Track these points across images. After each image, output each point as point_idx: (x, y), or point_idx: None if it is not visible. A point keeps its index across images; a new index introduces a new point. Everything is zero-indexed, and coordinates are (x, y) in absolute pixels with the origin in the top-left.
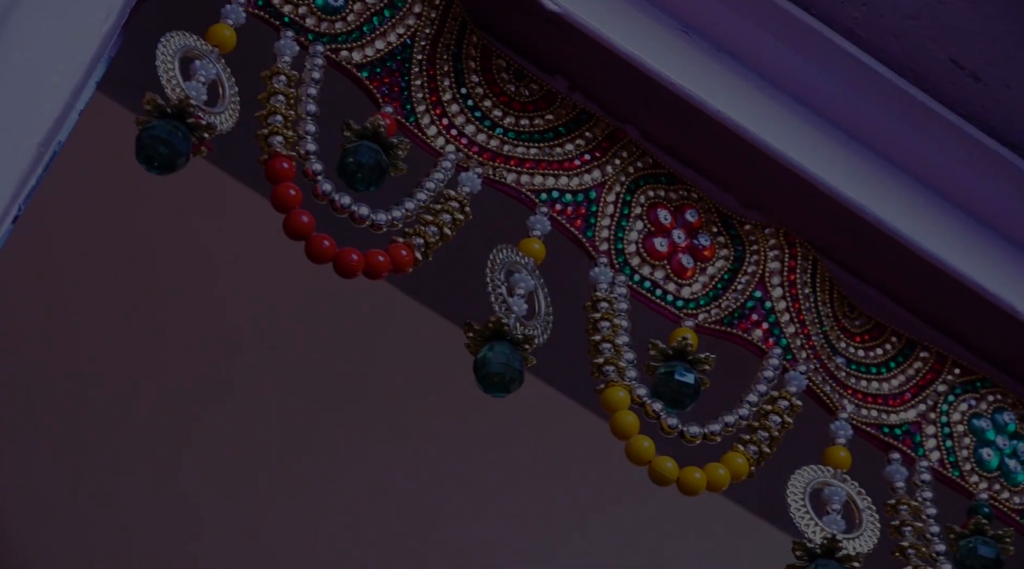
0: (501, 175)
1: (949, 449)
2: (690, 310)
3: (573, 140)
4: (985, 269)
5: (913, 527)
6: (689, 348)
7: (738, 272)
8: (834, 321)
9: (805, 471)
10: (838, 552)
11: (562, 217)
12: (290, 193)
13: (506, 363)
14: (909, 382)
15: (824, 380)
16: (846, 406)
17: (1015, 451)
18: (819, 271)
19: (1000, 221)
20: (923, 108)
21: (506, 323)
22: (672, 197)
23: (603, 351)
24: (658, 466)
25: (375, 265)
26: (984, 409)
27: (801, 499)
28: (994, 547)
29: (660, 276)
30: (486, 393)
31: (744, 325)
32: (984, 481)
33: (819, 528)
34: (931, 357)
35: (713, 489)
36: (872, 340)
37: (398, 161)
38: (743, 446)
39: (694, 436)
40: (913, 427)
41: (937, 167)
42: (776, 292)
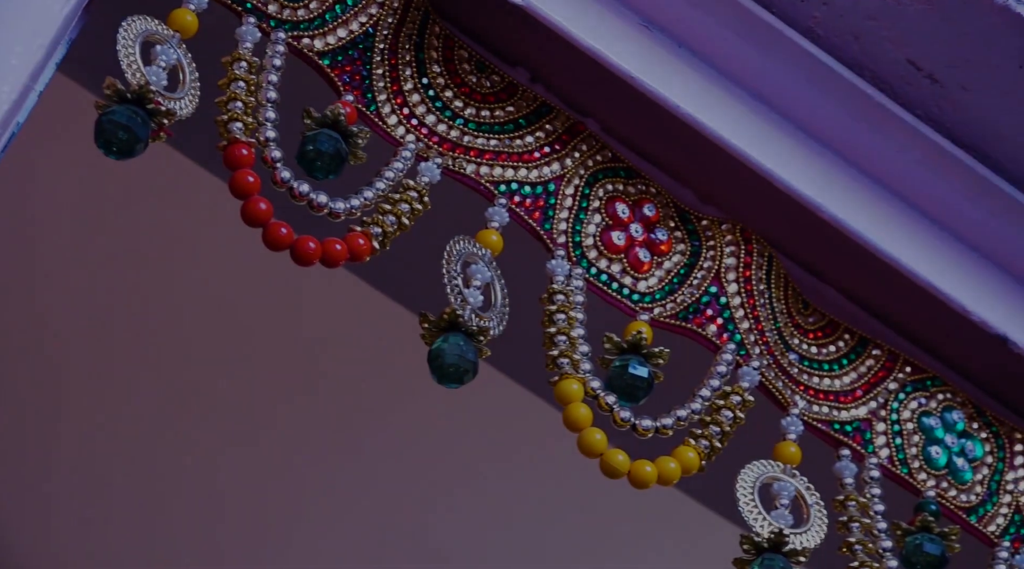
0: (460, 166)
1: (898, 446)
2: (646, 304)
3: (533, 132)
4: (937, 268)
5: (861, 523)
6: (644, 342)
7: (694, 267)
8: (788, 317)
9: (755, 466)
10: (785, 546)
11: (520, 209)
12: (248, 180)
13: (460, 355)
14: (861, 379)
15: (777, 376)
16: (798, 402)
17: (963, 450)
18: (774, 267)
19: (953, 222)
20: (880, 108)
21: (461, 315)
22: (631, 191)
23: (558, 343)
24: (609, 459)
25: (332, 253)
26: (934, 407)
27: (750, 493)
28: (940, 544)
29: (617, 269)
30: (439, 384)
31: (699, 320)
32: (932, 479)
33: (767, 522)
34: (883, 355)
35: (664, 482)
36: (825, 337)
37: (358, 150)
38: (694, 440)
39: (646, 429)
40: (863, 424)
41: (893, 167)
42: (731, 288)
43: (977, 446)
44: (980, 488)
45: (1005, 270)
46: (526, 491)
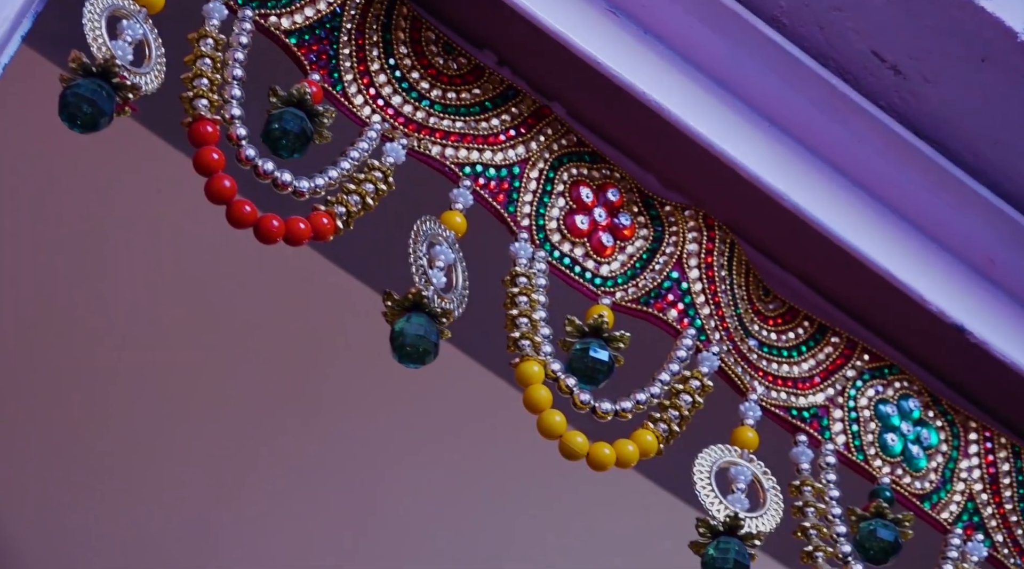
0: (426, 147)
1: (855, 433)
2: (608, 288)
3: (499, 115)
4: (896, 257)
5: (816, 508)
6: (605, 325)
7: (656, 252)
8: (748, 304)
9: (712, 450)
10: (740, 530)
11: (485, 191)
12: (213, 157)
13: (422, 335)
14: (819, 366)
15: (736, 361)
16: (756, 388)
17: (919, 437)
18: (736, 254)
19: (913, 212)
20: (843, 98)
21: (425, 295)
22: (595, 176)
23: (520, 325)
24: (568, 441)
25: (296, 232)
26: (891, 395)
27: (707, 477)
28: (894, 530)
29: (580, 253)
30: (400, 363)
31: (660, 305)
32: (887, 466)
33: (723, 506)
34: (842, 342)
35: (622, 465)
36: (785, 324)
37: (323, 129)
38: (653, 424)
39: (606, 412)
40: (821, 410)
41: (855, 156)
42: (693, 273)
43: (932, 434)
44: (934, 476)
45: (963, 260)
46: (486, 471)
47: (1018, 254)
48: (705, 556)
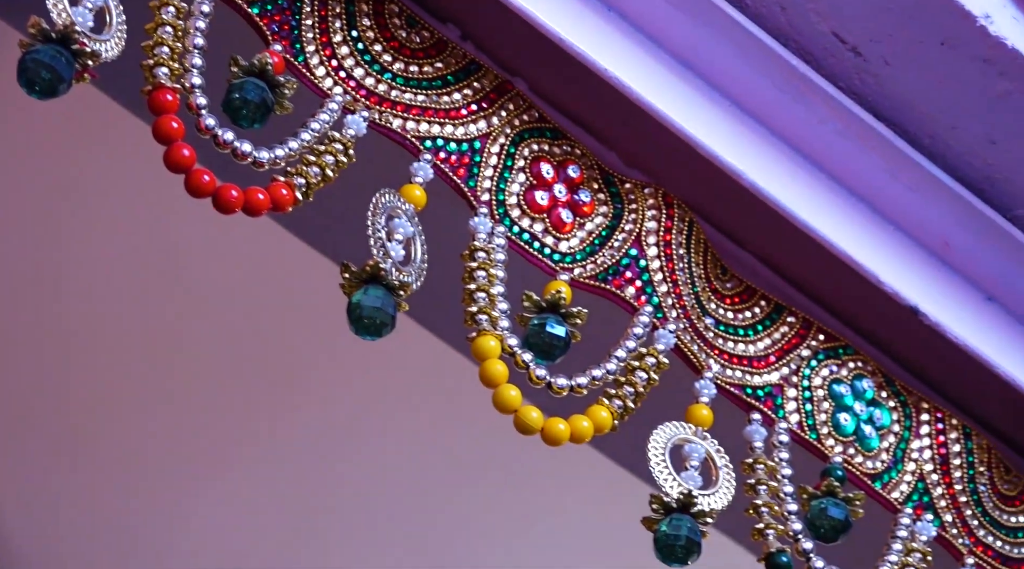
0: (387, 120)
1: (808, 412)
2: (566, 264)
3: (461, 89)
4: (852, 238)
5: (768, 486)
6: (562, 301)
7: (616, 229)
8: (706, 282)
9: (667, 427)
10: (693, 507)
11: (445, 165)
12: (172, 126)
13: (379, 308)
14: (774, 345)
15: (692, 339)
16: (712, 366)
17: (871, 417)
18: (695, 233)
19: (870, 193)
20: (804, 79)
21: (383, 268)
22: (556, 152)
23: (477, 300)
24: (523, 415)
25: (255, 202)
26: (845, 375)
27: (661, 454)
28: (845, 509)
29: (539, 229)
30: (357, 335)
31: (618, 282)
32: (840, 445)
33: (676, 483)
34: (797, 322)
35: (576, 440)
36: (742, 303)
37: (284, 100)
38: (608, 400)
39: (561, 388)
40: (775, 389)
41: (813, 137)
42: (651, 251)
43: (885, 414)
44: (886, 455)
45: (918, 242)
46: (440, 443)
47: (973, 237)
48: (658, 532)
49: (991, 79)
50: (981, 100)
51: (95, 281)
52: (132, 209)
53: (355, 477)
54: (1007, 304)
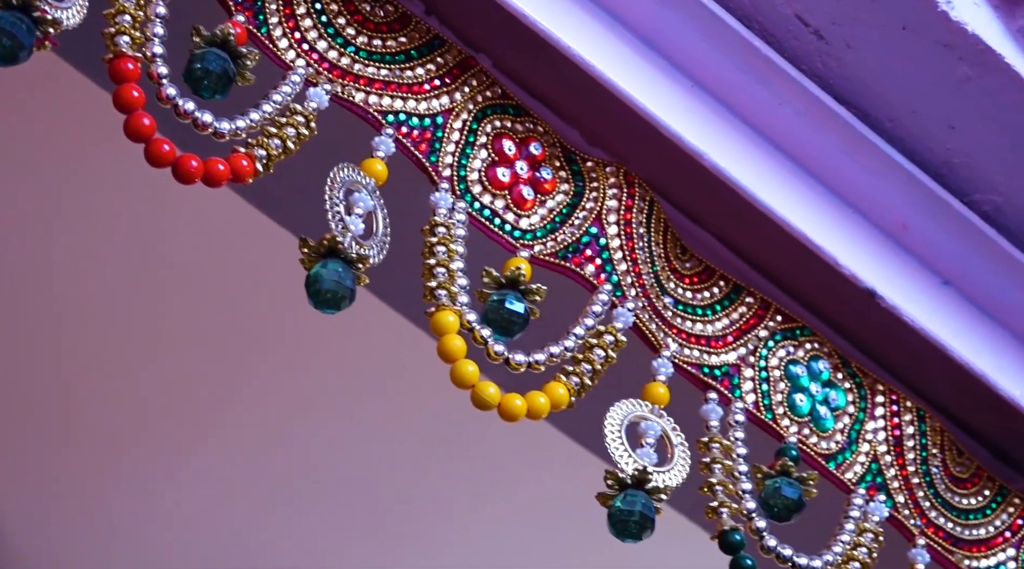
0: (349, 94)
1: (764, 392)
2: (527, 241)
3: (424, 64)
4: (812, 221)
5: (723, 465)
6: (522, 278)
7: (576, 207)
8: (665, 262)
9: (623, 404)
10: (648, 484)
11: (407, 140)
12: (133, 94)
13: (338, 281)
14: (732, 325)
15: (651, 318)
16: (669, 345)
17: (827, 398)
18: (655, 212)
19: (830, 176)
20: (766, 61)
21: (341, 241)
22: (518, 129)
23: (437, 275)
24: (480, 391)
25: (215, 173)
26: (801, 356)
27: (617, 431)
28: (798, 489)
29: (500, 205)
30: (316, 308)
31: (578, 260)
32: (795, 425)
33: (632, 460)
34: (756, 303)
35: (532, 416)
36: (701, 283)
37: (246, 71)
38: (566, 377)
39: (519, 364)
40: (732, 369)
41: (775, 118)
42: (611, 230)
43: (840, 396)
44: (840, 436)
45: (877, 226)
46: (399, 418)
47: (932, 221)
48: (612, 508)
49: (951, 64)
50: (941, 85)
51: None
52: (92, 180)
53: (318, 451)
54: (963, 288)
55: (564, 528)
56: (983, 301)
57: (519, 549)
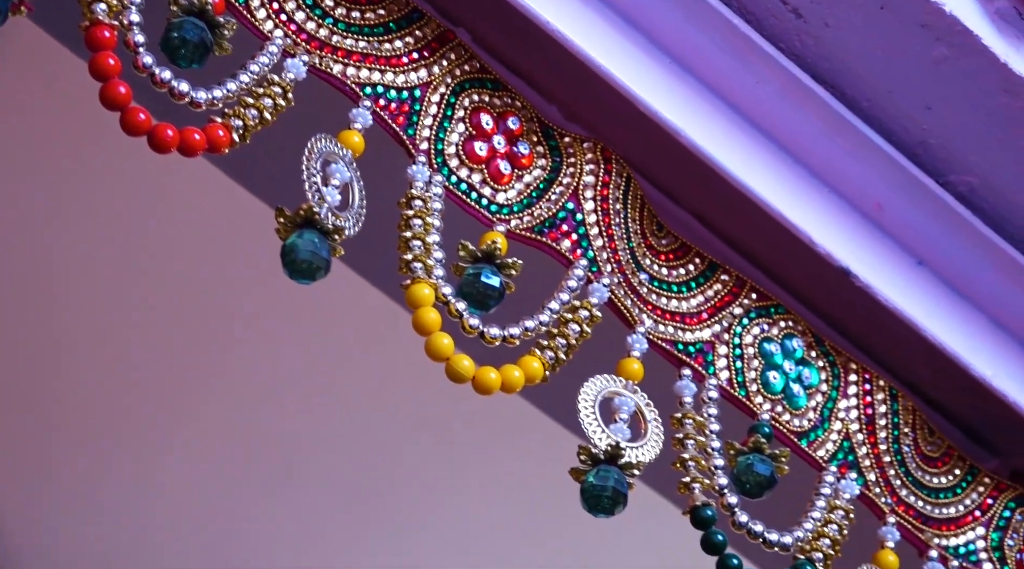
0: (327, 65)
1: (738, 370)
2: (503, 215)
3: (403, 37)
4: (788, 199)
5: (696, 441)
6: (498, 252)
7: (553, 182)
8: (642, 238)
9: (597, 380)
10: (621, 459)
11: (385, 113)
12: (109, 62)
13: (313, 251)
14: (707, 302)
15: (626, 294)
16: (644, 321)
17: (800, 376)
18: (632, 188)
19: (807, 155)
20: (745, 39)
21: (317, 212)
22: (496, 103)
23: (413, 248)
24: (455, 363)
25: (190, 142)
26: (775, 334)
27: (591, 406)
28: (770, 465)
29: (477, 180)
30: (291, 279)
31: (554, 234)
32: (768, 402)
33: (605, 435)
34: (731, 280)
35: (507, 390)
36: (676, 259)
37: (223, 40)
38: (540, 351)
39: (494, 338)
40: (707, 346)
41: (753, 97)
42: (588, 205)
43: (813, 374)
44: (813, 414)
45: (852, 205)
46: (373, 391)
47: (907, 201)
48: (585, 483)
49: (929, 44)
50: (918, 65)
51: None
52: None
53: (297, 427)
54: (937, 268)
55: (541, 504)
56: (957, 281)
57: (497, 525)
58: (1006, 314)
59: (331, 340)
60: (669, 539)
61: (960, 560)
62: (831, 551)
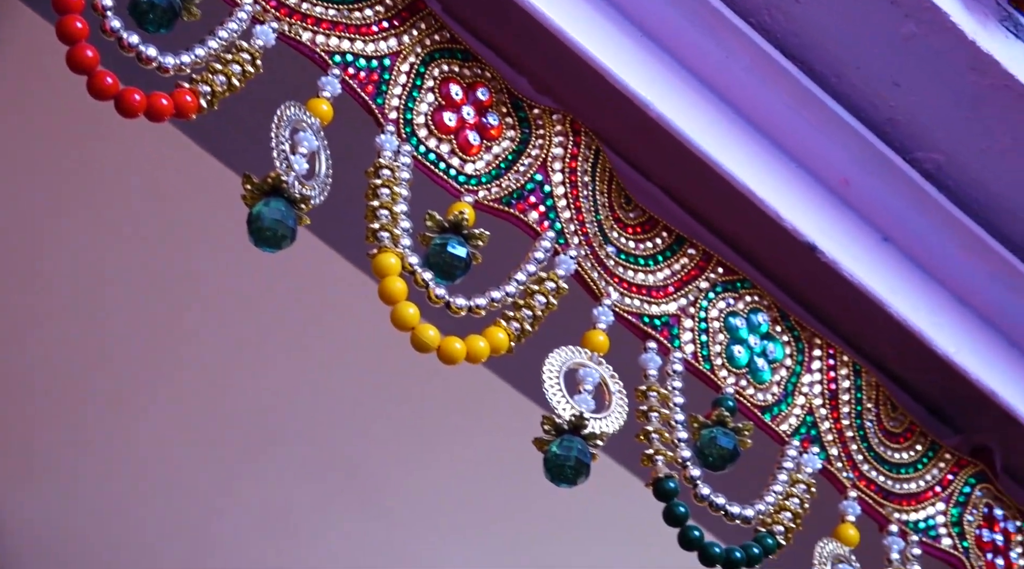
0: (296, 32)
1: (703, 343)
2: (471, 186)
3: (372, 6)
4: (756, 174)
5: (660, 413)
6: (465, 223)
7: (522, 154)
8: (609, 211)
9: (563, 351)
10: (584, 429)
11: (354, 81)
12: (76, 26)
13: (279, 220)
14: (674, 276)
15: (593, 266)
16: (611, 293)
17: (765, 351)
18: (601, 161)
19: (775, 130)
20: (715, 13)
21: (285, 180)
22: (466, 74)
23: (380, 217)
24: (420, 333)
25: (158, 107)
26: (741, 308)
27: (556, 377)
28: (733, 439)
29: (445, 150)
30: (256, 247)
31: (522, 206)
32: (732, 376)
33: (569, 406)
34: (697, 254)
35: (472, 360)
36: (644, 233)
37: (192, 6)
38: (506, 322)
39: (460, 308)
40: (672, 319)
41: (722, 72)
42: (556, 177)
43: (778, 348)
44: (777, 388)
45: (819, 180)
46: (340, 359)
47: (874, 178)
48: (548, 453)
49: (898, 21)
50: (887, 42)
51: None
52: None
53: (266, 394)
54: (902, 245)
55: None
56: (922, 258)
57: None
58: (970, 291)
59: (300, 310)
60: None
61: (920, 535)
62: (792, 524)
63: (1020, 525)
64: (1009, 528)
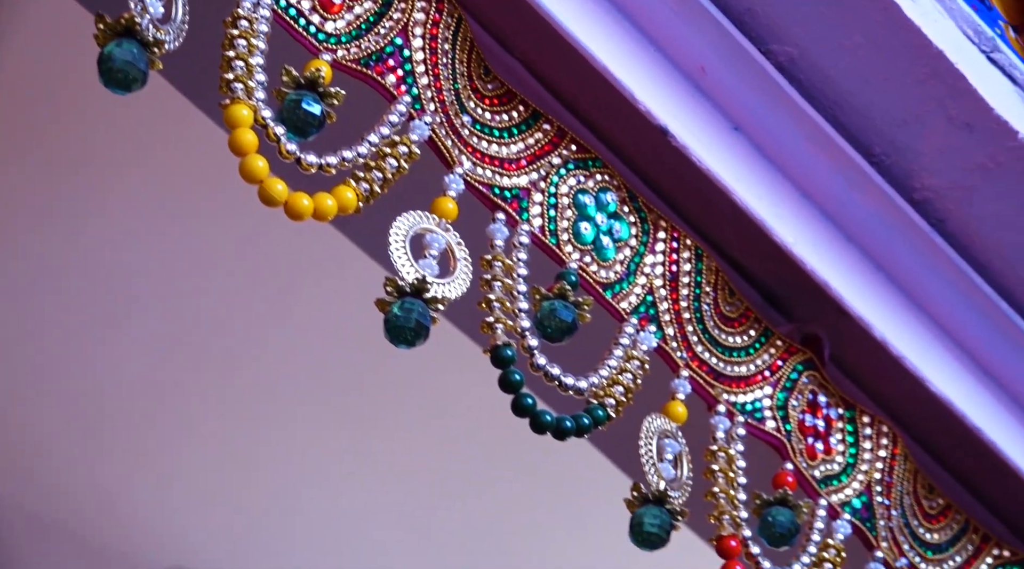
0: None
1: (551, 218)
2: (330, 45)
3: None
4: (613, 53)
5: (503, 283)
6: (321, 80)
7: (383, 16)
8: (468, 80)
9: (410, 215)
10: (426, 293)
11: None
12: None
13: (130, 62)
14: (527, 150)
15: (447, 134)
16: (463, 162)
17: (611, 229)
18: (462, 30)
19: (634, 10)
20: None
21: (139, 22)
22: None
23: (235, 68)
24: (268, 187)
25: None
26: (591, 186)
27: (401, 241)
28: (573, 312)
29: (306, 6)
30: (106, 87)
31: (380, 68)
32: (577, 252)
33: (413, 269)
34: (552, 130)
35: (319, 217)
36: (500, 105)
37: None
38: (356, 182)
39: (310, 165)
40: (522, 193)
41: None
42: (416, 43)
43: (624, 228)
44: (620, 267)
45: (676, 66)
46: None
47: (729, 67)
48: (389, 314)
49: None
50: None
51: None
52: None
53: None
54: (752, 136)
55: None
56: (769, 150)
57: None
58: (813, 185)
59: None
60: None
61: (746, 416)
62: (623, 398)
63: (841, 412)
64: (831, 414)
